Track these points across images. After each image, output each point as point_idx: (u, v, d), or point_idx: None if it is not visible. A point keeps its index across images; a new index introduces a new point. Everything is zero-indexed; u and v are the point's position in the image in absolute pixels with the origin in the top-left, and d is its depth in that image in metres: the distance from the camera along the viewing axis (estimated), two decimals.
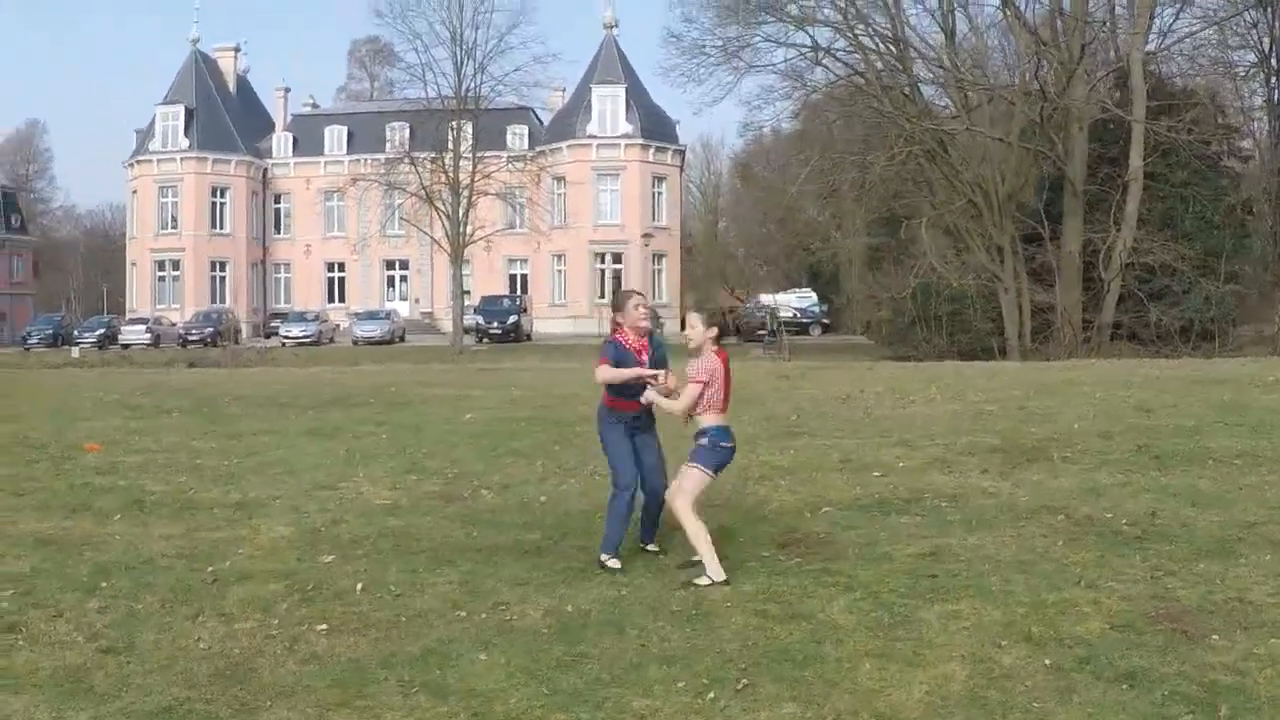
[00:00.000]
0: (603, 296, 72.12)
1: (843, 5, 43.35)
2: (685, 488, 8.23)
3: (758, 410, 17.48)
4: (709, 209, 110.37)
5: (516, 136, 76.64)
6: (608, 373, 8.64)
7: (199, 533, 9.78)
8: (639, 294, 9.10)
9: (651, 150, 76.45)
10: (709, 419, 8.25)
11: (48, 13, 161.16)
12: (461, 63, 57.53)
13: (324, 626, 7.14)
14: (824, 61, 44.91)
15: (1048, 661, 6.25)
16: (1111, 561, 8.21)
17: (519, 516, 10.29)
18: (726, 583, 7.93)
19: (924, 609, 7.21)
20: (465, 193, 56.92)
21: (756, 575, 8.07)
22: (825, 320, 73.95)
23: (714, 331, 8.42)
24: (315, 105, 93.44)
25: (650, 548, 9.06)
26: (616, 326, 8.93)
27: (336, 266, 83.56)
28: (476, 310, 67.12)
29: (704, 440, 8.26)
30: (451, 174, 56.68)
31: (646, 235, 72.84)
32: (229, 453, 14.18)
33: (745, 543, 9.02)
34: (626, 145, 75.54)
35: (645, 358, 8.69)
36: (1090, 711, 5.60)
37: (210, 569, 8.53)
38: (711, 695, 5.88)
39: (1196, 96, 43.64)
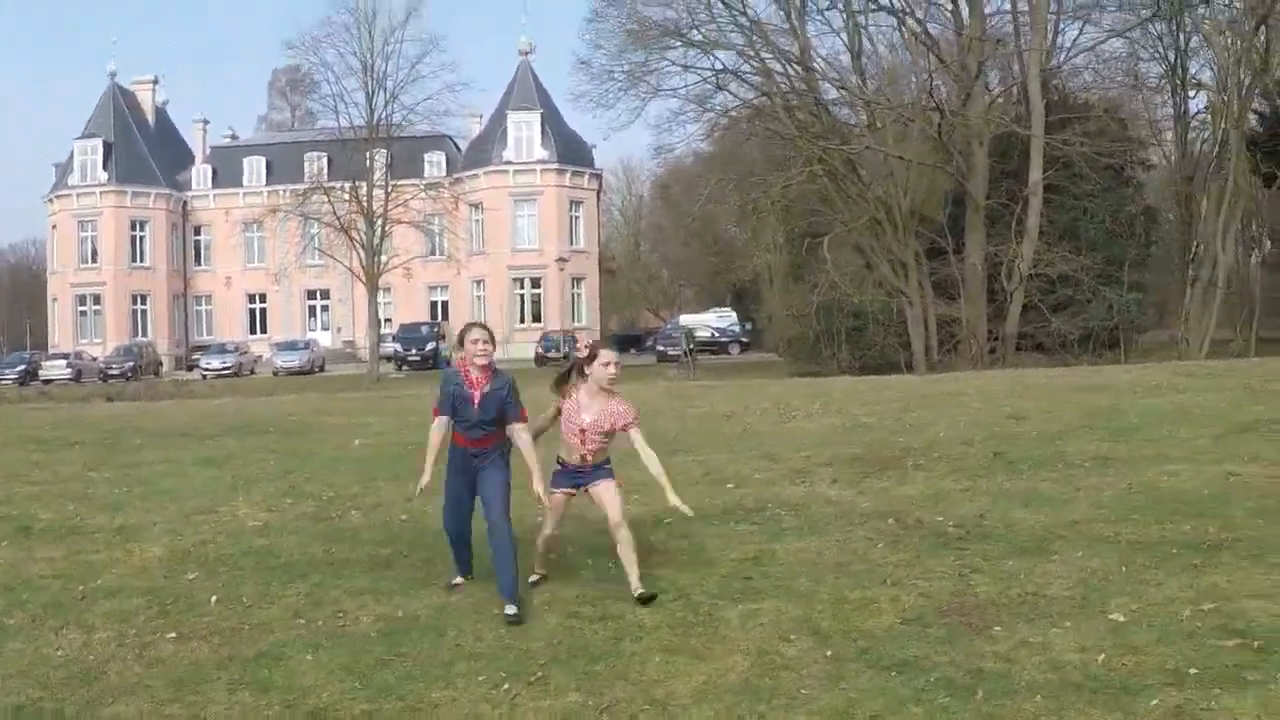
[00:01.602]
0: (522, 321, 72.71)
1: (748, 28, 43.98)
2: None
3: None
4: (631, 231, 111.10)
5: (433, 164, 77.22)
6: (430, 442, 8.39)
7: (79, 555, 10.10)
8: (481, 328, 8.48)
9: (568, 175, 77.12)
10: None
11: None
12: (373, 92, 57.93)
13: (173, 635, 7.61)
14: (728, 85, 45.50)
15: (829, 653, 6.68)
16: (924, 561, 8.59)
17: (379, 534, 10.63)
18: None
19: (728, 609, 7.64)
20: (380, 221, 57.19)
21: (583, 581, 8.49)
22: (744, 339, 74.54)
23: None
24: (234, 136, 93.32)
25: (509, 610, 7.74)
26: (461, 358, 8.54)
27: (258, 297, 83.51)
28: (395, 338, 67.43)
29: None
30: (366, 203, 56.89)
31: (561, 260, 73.30)
32: (121, 482, 14.37)
33: (577, 552, 9.38)
34: (543, 170, 76.20)
35: (478, 392, 8.19)
36: (852, 696, 6.01)
37: (82, 587, 8.90)
38: (506, 687, 6.40)
39: (1095, 109, 44.66)
